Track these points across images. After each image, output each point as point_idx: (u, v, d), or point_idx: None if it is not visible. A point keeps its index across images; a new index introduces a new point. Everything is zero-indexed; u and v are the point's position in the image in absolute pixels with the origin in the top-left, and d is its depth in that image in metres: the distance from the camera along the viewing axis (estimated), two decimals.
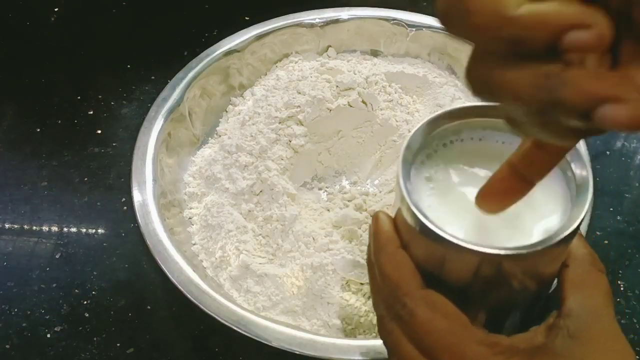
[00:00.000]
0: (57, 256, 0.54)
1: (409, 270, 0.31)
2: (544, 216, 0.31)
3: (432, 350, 0.29)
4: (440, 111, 0.33)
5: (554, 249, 0.29)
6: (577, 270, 0.31)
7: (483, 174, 0.32)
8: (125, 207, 0.57)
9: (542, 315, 0.33)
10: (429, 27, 0.61)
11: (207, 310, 0.43)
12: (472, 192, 0.31)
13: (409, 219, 0.30)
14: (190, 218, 0.52)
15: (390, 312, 0.31)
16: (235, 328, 0.42)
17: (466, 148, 0.34)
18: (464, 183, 0.33)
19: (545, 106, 0.21)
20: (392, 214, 0.33)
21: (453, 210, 0.32)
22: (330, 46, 0.63)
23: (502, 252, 0.28)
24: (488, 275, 0.29)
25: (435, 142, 0.34)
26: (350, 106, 0.55)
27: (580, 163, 0.32)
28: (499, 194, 0.29)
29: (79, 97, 0.66)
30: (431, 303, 0.29)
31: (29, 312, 0.50)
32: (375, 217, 0.33)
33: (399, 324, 0.30)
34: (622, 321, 0.49)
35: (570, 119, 0.21)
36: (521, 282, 0.30)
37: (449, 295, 0.30)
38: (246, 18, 0.70)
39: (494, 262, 0.29)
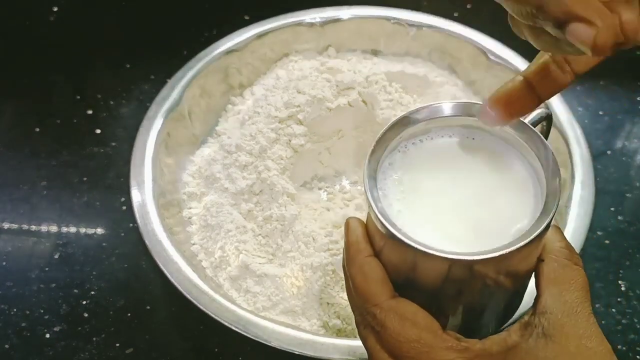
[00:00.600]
0: (56, 256, 0.54)
1: (378, 280, 0.31)
2: (515, 216, 0.31)
3: (405, 358, 0.29)
4: (406, 112, 0.33)
5: (524, 249, 0.28)
6: (552, 265, 0.31)
7: (455, 172, 0.32)
8: (124, 207, 0.57)
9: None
10: (430, 26, 0.61)
11: (206, 311, 0.43)
12: (443, 192, 0.32)
13: (378, 226, 0.30)
14: (189, 218, 0.52)
15: (364, 321, 0.31)
16: (235, 328, 0.42)
17: (436, 145, 0.34)
18: (435, 182, 0.33)
19: (532, 9, 0.24)
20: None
21: (424, 213, 0.32)
22: (330, 45, 0.63)
23: (471, 257, 0.28)
24: (460, 278, 0.30)
25: (404, 142, 0.33)
26: (351, 106, 0.55)
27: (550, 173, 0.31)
28: (508, 104, 0.30)
29: (78, 97, 0.66)
30: (400, 313, 0.30)
31: (28, 312, 0.50)
32: (346, 224, 0.33)
33: (372, 333, 0.30)
34: (623, 321, 0.49)
35: (549, 26, 0.23)
36: (495, 282, 0.30)
37: (424, 299, 0.31)
38: (246, 17, 0.70)
39: (464, 266, 0.29)
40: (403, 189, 0.32)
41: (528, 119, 0.33)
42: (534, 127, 0.32)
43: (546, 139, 0.33)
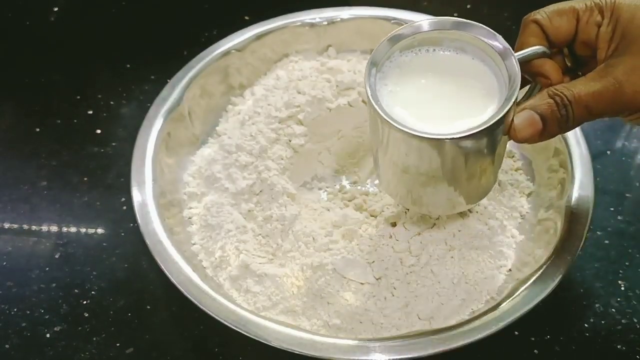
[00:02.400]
0: (56, 256, 0.54)
1: None
2: (479, 112, 0.39)
3: None
4: (428, 19, 0.42)
5: (487, 132, 0.38)
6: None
7: (442, 76, 0.41)
8: (124, 207, 0.57)
9: None
10: None
11: (206, 310, 0.43)
12: (429, 88, 0.41)
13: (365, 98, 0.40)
14: (189, 218, 0.52)
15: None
16: (235, 328, 0.42)
17: (432, 56, 0.42)
18: (424, 80, 0.41)
19: None
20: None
21: (409, 97, 0.40)
22: (330, 46, 0.63)
23: (431, 136, 0.38)
24: (426, 156, 0.39)
25: (418, 47, 0.42)
26: (350, 106, 0.55)
27: (510, 62, 0.39)
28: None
29: (78, 97, 0.66)
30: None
31: (28, 312, 0.50)
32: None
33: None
34: (623, 321, 0.49)
35: None
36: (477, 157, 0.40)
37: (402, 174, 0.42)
38: (246, 18, 0.70)
39: (433, 144, 0.38)
40: (399, 79, 0.41)
41: (526, 52, 0.40)
42: (530, 59, 0.40)
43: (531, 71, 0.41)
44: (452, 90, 0.41)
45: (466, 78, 0.41)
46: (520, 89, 0.39)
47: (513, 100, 0.38)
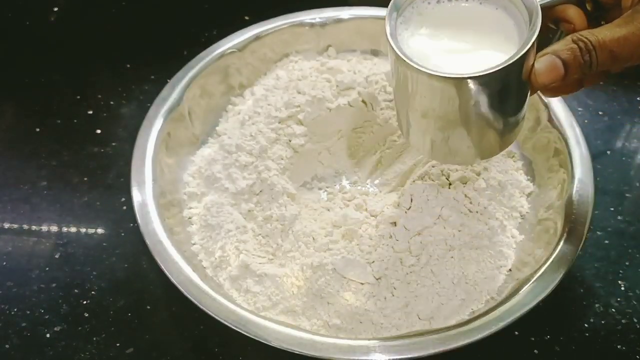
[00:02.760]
0: (56, 256, 0.54)
1: None
2: (497, 59, 0.38)
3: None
4: None
5: (507, 72, 0.37)
6: None
7: (464, 26, 0.41)
8: (124, 207, 0.57)
9: None
10: None
11: (206, 310, 0.43)
12: (451, 35, 0.41)
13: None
14: (189, 218, 0.52)
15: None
16: (235, 328, 0.42)
17: (454, 6, 0.42)
18: (447, 25, 0.41)
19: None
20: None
21: (428, 43, 0.41)
22: (330, 46, 0.63)
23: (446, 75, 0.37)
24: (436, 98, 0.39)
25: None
26: (350, 106, 0.55)
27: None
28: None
29: (78, 97, 0.66)
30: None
31: (28, 312, 0.50)
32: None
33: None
34: (623, 321, 0.49)
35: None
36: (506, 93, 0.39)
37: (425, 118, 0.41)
38: (246, 18, 0.70)
39: (449, 83, 0.38)
40: (422, 23, 0.41)
41: None
42: (553, 5, 0.41)
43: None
44: (474, 38, 0.40)
45: (489, 28, 0.41)
46: (545, 36, 0.39)
47: (534, 39, 0.37)
